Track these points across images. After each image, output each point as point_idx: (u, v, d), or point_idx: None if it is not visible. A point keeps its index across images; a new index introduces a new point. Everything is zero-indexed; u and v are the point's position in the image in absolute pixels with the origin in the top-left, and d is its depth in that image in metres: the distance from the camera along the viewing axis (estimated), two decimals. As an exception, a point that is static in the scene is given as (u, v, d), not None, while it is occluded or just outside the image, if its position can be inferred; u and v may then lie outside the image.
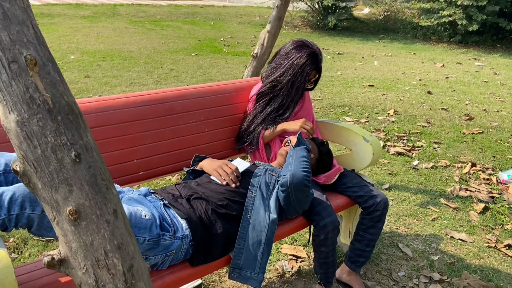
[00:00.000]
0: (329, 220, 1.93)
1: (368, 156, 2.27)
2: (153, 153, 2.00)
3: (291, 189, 1.74)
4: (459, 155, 4.06)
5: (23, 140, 0.70)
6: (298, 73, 2.19)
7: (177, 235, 1.56)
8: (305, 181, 1.74)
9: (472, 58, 9.59)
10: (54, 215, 0.74)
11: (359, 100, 5.76)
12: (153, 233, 1.48)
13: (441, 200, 3.22)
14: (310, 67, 2.19)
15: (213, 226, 1.66)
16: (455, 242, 2.74)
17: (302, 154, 1.85)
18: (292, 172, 1.75)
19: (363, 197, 2.16)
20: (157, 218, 1.53)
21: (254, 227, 1.72)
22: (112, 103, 1.89)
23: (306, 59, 2.17)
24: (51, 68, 0.74)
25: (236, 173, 1.86)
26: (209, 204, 1.69)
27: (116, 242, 0.75)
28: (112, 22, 12.01)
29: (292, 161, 1.81)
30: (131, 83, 6.12)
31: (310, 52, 2.19)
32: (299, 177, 1.73)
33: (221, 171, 1.86)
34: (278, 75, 2.24)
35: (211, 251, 1.64)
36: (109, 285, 0.73)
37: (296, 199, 1.78)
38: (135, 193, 1.65)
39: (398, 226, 2.86)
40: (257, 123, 2.27)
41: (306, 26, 12.94)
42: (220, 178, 1.84)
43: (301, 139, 1.97)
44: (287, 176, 1.75)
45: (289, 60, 2.20)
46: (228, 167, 1.87)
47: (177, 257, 1.58)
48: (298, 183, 1.72)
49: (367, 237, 2.18)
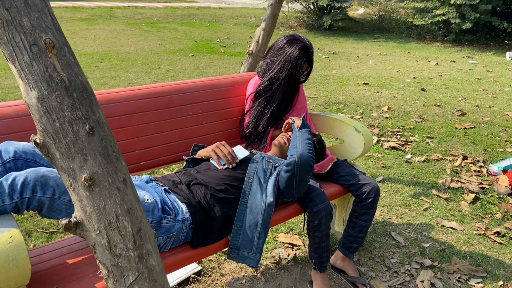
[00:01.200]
0: (322, 206, 2.02)
1: (360, 146, 2.36)
2: (154, 144, 2.09)
3: (297, 169, 1.84)
4: (451, 149, 4.16)
5: (43, 114, 0.78)
6: (292, 67, 2.29)
7: (177, 218, 1.65)
8: (311, 161, 1.85)
9: (465, 56, 9.71)
10: (71, 182, 0.82)
11: (354, 98, 5.86)
12: (155, 216, 1.57)
13: (433, 191, 3.31)
14: (302, 60, 2.28)
15: (211, 209, 1.75)
16: (446, 230, 2.83)
17: (307, 136, 1.96)
18: (300, 152, 1.85)
19: (355, 185, 2.26)
20: (159, 202, 1.62)
21: (251, 210, 1.81)
22: (114, 96, 1.98)
23: (298, 52, 2.26)
24: (66, 51, 0.83)
25: (233, 154, 1.96)
26: (207, 189, 1.78)
27: (126, 207, 0.83)
28: (109, 24, 12.10)
29: (299, 142, 1.91)
30: (129, 83, 6.20)
31: (302, 46, 2.28)
32: (306, 157, 1.83)
33: (218, 151, 1.95)
34: (275, 72, 2.33)
35: (210, 233, 1.73)
36: (120, 245, 0.82)
37: (299, 180, 1.87)
38: (137, 180, 1.74)
39: (391, 216, 2.96)
40: (265, 123, 2.35)
41: (302, 26, 13.05)
42: (217, 160, 1.93)
43: (305, 122, 2.07)
44: (295, 156, 1.85)
45: (283, 56, 2.30)
46: (225, 148, 1.96)
47: (178, 239, 1.67)
48: (305, 163, 1.83)
49: (360, 224, 2.27)
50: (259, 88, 2.37)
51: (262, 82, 2.37)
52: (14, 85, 5.75)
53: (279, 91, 2.34)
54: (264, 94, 2.36)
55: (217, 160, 1.94)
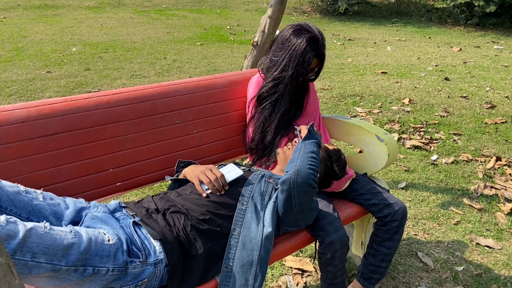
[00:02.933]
0: (336, 237, 1.65)
1: (382, 157, 1.97)
2: (132, 160, 1.73)
3: (293, 189, 1.46)
4: (482, 148, 3.73)
5: None
6: (299, 63, 1.89)
7: (149, 260, 1.30)
8: (311, 180, 1.46)
9: (490, 41, 9.13)
10: None
11: (372, 89, 5.42)
12: (118, 261, 1.22)
13: (464, 200, 2.91)
14: (311, 54, 1.87)
15: (192, 245, 1.39)
16: (481, 250, 2.44)
17: (311, 149, 1.56)
18: (297, 167, 1.47)
19: (377, 206, 1.88)
20: (124, 241, 1.27)
21: (244, 245, 1.45)
22: (82, 104, 1.62)
23: (306, 45, 1.86)
24: None
25: (221, 180, 1.58)
26: (188, 219, 1.42)
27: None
28: (117, 13, 11.76)
29: (299, 155, 1.53)
30: (132, 75, 5.86)
31: (310, 37, 1.87)
32: (304, 174, 1.45)
33: (203, 177, 1.58)
34: (280, 71, 1.93)
35: (190, 274, 1.38)
36: None
37: (299, 203, 1.49)
38: (100, 210, 1.39)
39: (417, 232, 2.57)
40: (272, 133, 1.96)
41: (316, 11, 12.52)
42: (199, 187, 1.56)
43: (312, 131, 1.67)
44: (290, 172, 1.47)
45: (288, 50, 1.90)
46: (212, 173, 1.59)
47: (150, 286, 1.32)
48: (302, 182, 1.45)
49: (383, 251, 1.89)
50: (261, 90, 1.98)
51: (264, 83, 1.98)
52: (11, 79, 5.46)
53: (285, 94, 1.95)
54: (269, 97, 1.97)
55: (199, 186, 1.57)
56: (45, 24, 9.68)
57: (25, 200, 1.32)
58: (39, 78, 5.55)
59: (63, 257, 1.12)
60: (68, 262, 1.13)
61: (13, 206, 1.29)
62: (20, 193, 1.33)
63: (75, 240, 1.15)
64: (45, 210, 1.34)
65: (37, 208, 1.33)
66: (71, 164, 1.59)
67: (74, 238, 1.16)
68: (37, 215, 1.33)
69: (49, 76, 5.69)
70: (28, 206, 1.32)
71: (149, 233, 1.35)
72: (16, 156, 1.47)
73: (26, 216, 1.31)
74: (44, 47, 7.46)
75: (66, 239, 1.14)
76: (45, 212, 1.34)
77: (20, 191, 1.34)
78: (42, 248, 1.09)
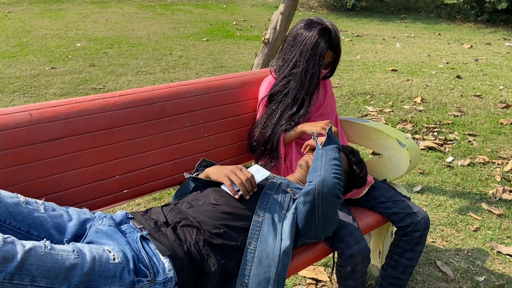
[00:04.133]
0: (357, 249, 1.55)
1: (403, 163, 1.87)
2: (140, 166, 1.63)
3: (318, 200, 1.36)
4: (498, 150, 3.61)
5: None
6: (310, 57, 1.77)
7: (157, 279, 1.20)
8: (337, 190, 1.37)
9: (501, 38, 8.96)
10: None
11: (382, 87, 5.30)
12: (125, 281, 1.13)
13: (482, 205, 2.79)
14: (323, 46, 1.75)
15: (205, 262, 1.29)
16: (503, 258, 2.33)
17: (333, 156, 1.46)
18: (322, 177, 1.37)
19: (398, 215, 1.77)
20: (131, 259, 1.17)
21: (261, 261, 1.35)
22: (87, 106, 1.52)
23: (317, 37, 1.74)
24: None
25: (252, 181, 1.49)
26: (200, 234, 1.32)
27: None
28: (122, 7, 11.66)
29: (322, 164, 1.42)
30: (137, 72, 5.77)
31: (321, 28, 1.75)
32: (330, 184, 1.35)
33: (234, 177, 1.48)
34: (291, 67, 1.82)
35: None
36: None
37: (323, 215, 1.40)
38: (105, 223, 1.29)
39: (435, 239, 2.46)
40: (272, 128, 1.84)
41: (323, 7, 12.36)
42: (231, 186, 1.46)
43: (331, 136, 1.56)
44: (315, 182, 1.37)
45: (299, 45, 1.78)
46: (243, 173, 1.49)
47: (160, 307, 1.22)
48: (328, 192, 1.35)
49: (403, 263, 1.79)
50: (273, 90, 1.87)
51: (276, 83, 1.87)
52: (15, 75, 5.38)
53: (292, 90, 1.83)
54: (277, 96, 1.87)
55: (231, 186, 1.47)
56: (49, 19, 9.59)
57: (25, 212, 1.22)
58: (43, 74, 5.47)
59: (65, 280, 1.02)
60: (70, 285, 1.03)
61: (12, 219, 1.20)
62: (20, 205, 1.23)
63: (78, 260, 1.06)
64: (46, 222, 1.24)
65: (38, 221, 1.24)
66: (75, 171, 1.49)
67: (77, 259, 1.06)
68: (38, 228, 1.23)
69: (54, 72, 5.60)
70: (28, 219, 1.22)
71: (157, 248, 1.24)
72: (16, 163, 1.38)
73: (26, 229, 1.22)
74: (48, 42, 7.37)
75: (68, 259, 1.05)
76: (46, 225, 1.24)
77: (19, 202, 1.24)
78: (42, 270, 1.00)
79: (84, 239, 1.27)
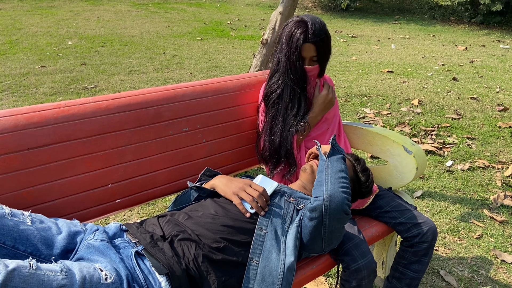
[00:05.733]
0: (363, 263, 1.47)
1: (409, 170, 1.79)
2: (134, 174, 1.54)
3: (325, 217, 1.28)
4: (498, 154, 3.55)
5: None
6: (288, 51, 1.71)
7: (153, 300, 1.11)
8: (345, 206, 1.29)
9: (495, 40, 8.96)
10: None
11: (379, 89, 5.24)
12: (118, 304, 1.04)
13: (484, 211, 2.73)
14: (298, 37, 1.66)
15: (204, 280, 1.21)
16: (507, 267, 2.27)
17: (339, 168, 1.38)
18: (329, 192, 1.28)
19: (405, 225, 1.69)
20: (124, 279, 1.08)
21: (264, 278, 1.26)
22: (77, 111, 1.43)
23: (292, 29, 1.68)
24: None
25: (265, 196, 1.40)
26: (200, 248, 1.24)
27: None
28: (114, 5, 11.50)
29: (328, 177, 1.34)
30: (130, 71, 5.65)
31: (297, 21, 1.69)
32: (338, 200, 1.27)
33: (244, 195, 1.39)
34: (275, 66, 1.79)
35: None
36: None
37: (330, 231, 1.31)
38: (97, 237, 1.20)
39: (438, 247, 2.39)
40: (280, 132, 1.75)
41: (317, 7, 12.31)
42: (242, 206, 1.37)
43: (335, 145, 1.48)
44: (322, 197, 1.29)
45: (279, 43, 1.75)
46: (254, 189, 1.40)
47: (157, 330, 1.13)
48: (337, 209, 1.27)
49: (409, 275, 1.71)
50: (265, 92, 1.81)
51: (266, 85, 1.82)
52: (4, 73, 5.24)
53: (285, 88, 1.76)
54: (272, 97, 1.79)
55: (241, 205, 1.38)
56: (40, 16, 9.42)
57: (10, 225, 1.13)
58: (33, 73, 5.33)
59: None
60: None
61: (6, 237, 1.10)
62: (5, 217, 1.14)
63: (66, 281, 0.97)
64: (33, 236, 1.15)
65: (24, 234, 1.14)
66: (65, 180, 1.39)
67: (65, 279, 0.97)
68: (24, 243, 1.14)
69: (44, 70, 5.47)
70: (14, 232, 1.13)
71: (153, 266, 1.16)
72: (0, 172, 1.28)
73: (11, 244, 1.12)
74: (39, 40, 7.22)
75: (56, 280, 0.96)
76: (33, 239, 1.15)
77: (4, 214, 1.14)
78: None
79: (74, 254, 1.18)
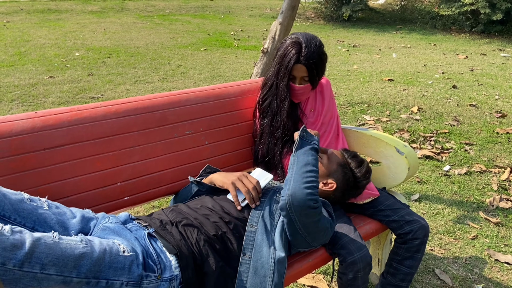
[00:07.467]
0: (359, 256, 1.56)
1: (402, 171, 1.88)
2: (141, 173, 1.64)
3: (292, 214, 1.33)
4: (495, 159, 3.63)
5: None
6: (279, 68, 1.80)
7: (164, 275, 1.21)
8: (309, 201, 1.30)
9: (496, 48, 9.06)
10: None
11: (379, 96, 5.34)
12: (133, 274, 1.14)
13: (480, 214, 2.81)
14: (290, 57, 1.74)
15: (205, 261, 1.30)
16: (501, 266, 2.34)
17: (305, 161, 1.39)
18: (290, 191, 1.32)
19: (398, 222, 1.78)
20: (140, 254, 1.19)
21: (256, 271, 1.35)
22: (89, 114, 1.54)
23: (287, 49, 1.76)
24: None
25: (258, 189, 1.49)
26: (201, 233, 1.34)
27: None
28: (120, 17, 11.71)
29: (292, 174, 1.37)
30: (136, 81, 5.79)
31: (293, 41, 1.76)
32: (299, 197, 1.29)
33: (240, 185, 1.48)
34: (267, 78, 1.91)
35: None
36: None
37: (303, 226, 1.36)
38: (111, 221, 1.30)
39: (433, 247, 2.47)
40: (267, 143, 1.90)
41: (319, 17, 12.47)
42: (236, 198, 1.47)
43: (305, 135, 1.48)
44: (285, 197, 1.34)
45: (275, 57, 1.86)
46: (249, 180, 1.50)
47: (162, 303, 1.23)
48: (299, 206, 1.30)
49: (403, 271, 1.80)
50: (258, 99, 1.95)
51: (260, 93, 1.95)
52: (14, 84, 5.38)
53: (273, 100, 1.87)
54: (263, 105, 1.92)
55: (236, 196, 1.48)
56: (48, 29, 9.63)
57: (29, 209, 1.24)
58: (42, 83, 5.48)
59: (74, 268, 1.04)
60: (79, 273, 1.04)
61: (17, 215, 1.21)
62: (24, 201, 1.25)
63: (86, 249, 1.07)
64: (50, 219, 1.26)
65: (42, 217, 1.25)
66: (77, 178, 1.50)
67: (86, 248, 1.07)
68: (43, 225, 1.24)
69: (52, 81, 5.62)
70: (33, 215, 1.23)
71: (164, 246, 1.26)
72: (18, 170, 1.39)
73: (31, 225, 1.23)
74: (47, 51, 7.39)
75: (77, 248, 1.06)
76: (50, 222, 1.25)
77: (24, 199, 1.25)
78: (51, 259, 1.01)
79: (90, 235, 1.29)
